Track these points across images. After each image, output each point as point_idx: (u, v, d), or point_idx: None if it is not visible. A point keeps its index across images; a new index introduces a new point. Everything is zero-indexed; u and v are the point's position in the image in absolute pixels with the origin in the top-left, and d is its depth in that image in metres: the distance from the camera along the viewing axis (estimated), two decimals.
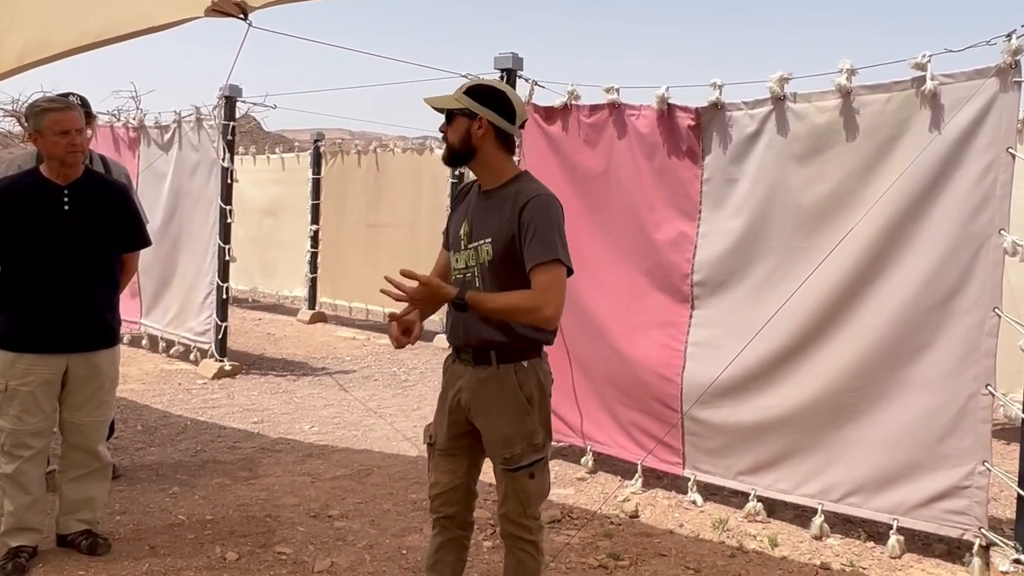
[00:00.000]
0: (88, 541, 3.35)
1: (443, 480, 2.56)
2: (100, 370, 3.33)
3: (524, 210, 2.32)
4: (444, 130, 2.44)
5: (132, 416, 5.62)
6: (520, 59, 4.88)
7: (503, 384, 2.41)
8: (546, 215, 2.32)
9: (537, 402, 2.44)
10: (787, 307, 3.82)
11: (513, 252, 2.34)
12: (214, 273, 7.14)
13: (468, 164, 2.47)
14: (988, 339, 3.39)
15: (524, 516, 2.48)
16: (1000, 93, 3.35)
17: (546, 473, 2.51)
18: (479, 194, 2.49)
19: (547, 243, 2.30)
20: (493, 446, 2.46)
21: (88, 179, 3.34)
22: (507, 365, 2.41)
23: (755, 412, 3.99)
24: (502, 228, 2.36)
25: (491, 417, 2.43)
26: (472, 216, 2.46)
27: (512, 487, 2.45)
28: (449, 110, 2.41)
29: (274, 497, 4.14)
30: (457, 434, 2.54)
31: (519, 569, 2.52)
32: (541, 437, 2.45)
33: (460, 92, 2.40)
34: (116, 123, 8.54)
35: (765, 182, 3.98)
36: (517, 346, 2.40)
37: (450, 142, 2.42)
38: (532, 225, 2.30)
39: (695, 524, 3.97)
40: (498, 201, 2.41)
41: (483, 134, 2.38)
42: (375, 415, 5.97)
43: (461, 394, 2.48)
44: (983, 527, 3.40)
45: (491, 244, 2.37)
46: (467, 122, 2.38)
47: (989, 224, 3.38)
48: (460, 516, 2.59)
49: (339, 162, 10.08)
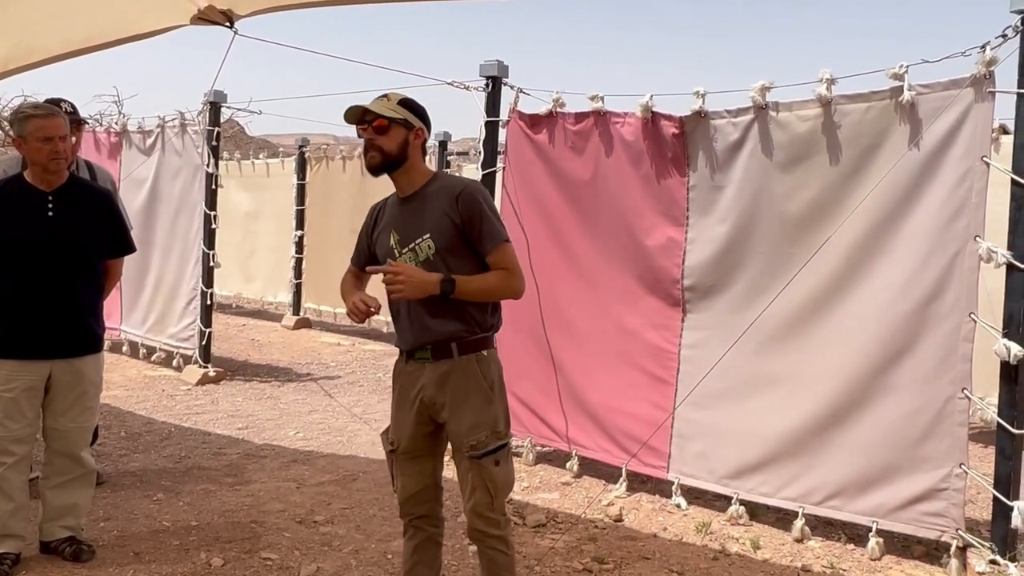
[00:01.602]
0: (72, 548, 3.34)
1: (412, 484, 2.63)
2: (84, 376, 3.32)
3: (460, 198, 2.50)
4: (372, 138, 2.52)
5: (116, 422, 5.59)
6: (506, 67, 4.92)
7: (467, 372, 2.51)
8: (485, 202, 2.54)
9: (498, 389, 2.56)
10: (774, 312, 3.87)
11: (455, 239, 2.50)
12: (198, 279, 7.10)
13: (394, 171, 2.59)
14: (965, 344, 3.45)
15: (491, 508, 2.53)
16: (975, 103, 3.43)
17: (510, 462, 2.60)
18: (398, 203, 2.64)
19: (494, 228, 2.52)
20: (459, 436, 2.53)
21: (73, 185, 3.34)
22: (468, 355, 2.52)
23: (741, 416, 4.04)
24: (440, 220, 2.50)
25: (456, 407, 2.51)
26: (397, 223, 2.59)
27: (479, 476, 2.51)
28: (390, 119, 2.51)
29: (259, 503, 4.14)
30: (420, 435, 2.61)
31: (491, 567, 2.58)
32: (503, 425, 2.56)
33: (394, 103, 2.54)
34: (98, 128, 8.49)
35: (750, 189, 4.04)
36: (474, 336, 2.53)
37: (387, 150, 2.53)
38: (476, 214, 2.49)
39: (679, 527, 4.00)
40: (425, 200, 2.56)
41: (418, 144, 2.59)
42: (360, 421, 5.97)
43: (424, 392, 2.56)
44: (960, 529, 3.46)
45: (431, 238, 2.50)
46: (405, 132, 2.54)
47: (965, 231, 3.45)
48: (432, 514, 2.66)
49: (324, 167, 10.06)
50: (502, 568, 2.58)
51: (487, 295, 2.53)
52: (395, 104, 2.54)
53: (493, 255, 2.51)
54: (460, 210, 2.48)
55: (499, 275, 2.51)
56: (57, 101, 3.78)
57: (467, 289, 2.46)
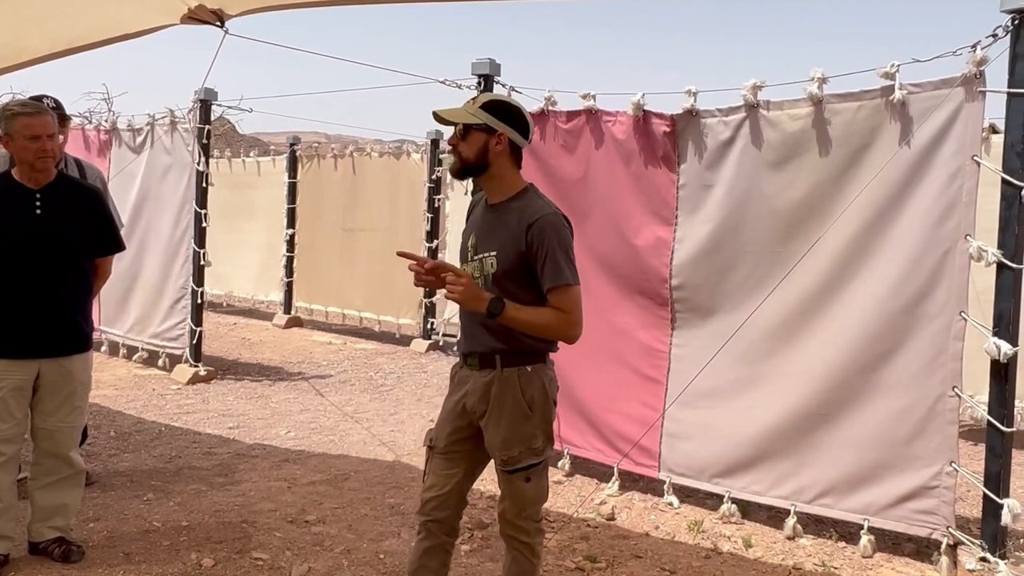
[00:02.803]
0: (61, 548, 3.31)
1: (439, 483, 2.59)
2: (73, 375, 3.30)
3: (532, 229, 2.38)
4: (455, 143, 2.45)
5: (105, 422, 5.55)
6: (498, 65, 4.91)
7: (505, 386, 2.46)
8: (557, 236, 2.38)
9: (539, 407, 2.49)
10: (764, 311, 3.88)
11: (517, 266, 2.41)
12: (187, 277, 7.07)
13: (478, 177, 2.50)
14: (955, 342, 3.47)
15: (519, 517, 2.54)
16: (965, 102, 3.44)
17: (544, 478, 2.58)
18: (485, 207, 2.56)
19: (560, 266, 2.37)
20: (492, 447, 2.52)
21: (61, 183, 3.31)
22: (511, 369, 2.47)
23: (731, 414, 4.04)
24: (507, 242, 2.42)
25: (493, 419, 2.49)
26: (479, 229, 2.52)
27: (509, 489, 2.52)
28: (465, 124, 2.42)
29: (250, 503, 4.12)
30: (459, 438, 2.58)
31: (512, 567, 2.60)
32: (540, 442, 2.51)
33: (476, 107, 2.43)
34: (87, 125, 8.43)
35: (740, 188, 4.04)
36: (520, 351, 2.47)
37: (464, 156, 2.44)
38: (544, 247, 2.37)
39: (671, 526, 4.01)
40: (504, 215, 2.47)
41: (500, 150, 2.44)
42: (352, 420, 5.96)
43: (467, 398, 2.54)
44: (951, 526, 3.47)
45: (496, 257, 2.43)
46: (484, 137, 2.42)
47: (955, 230, 3.46)
48: (449, 522, 2.62)
49: (315, 166, 10.04)
50: (522, 572, 2.59)
51: (535, 330, 2.41)
52: (476, 107, 2.42)
53: (551, 295, 2.39)
54: (528, 240, 2.38)
55: (554, 315, 2.39)
56: (40, 98, 3.75)
57: (515, 317, 2.36)
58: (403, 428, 5.78)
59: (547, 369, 2.55)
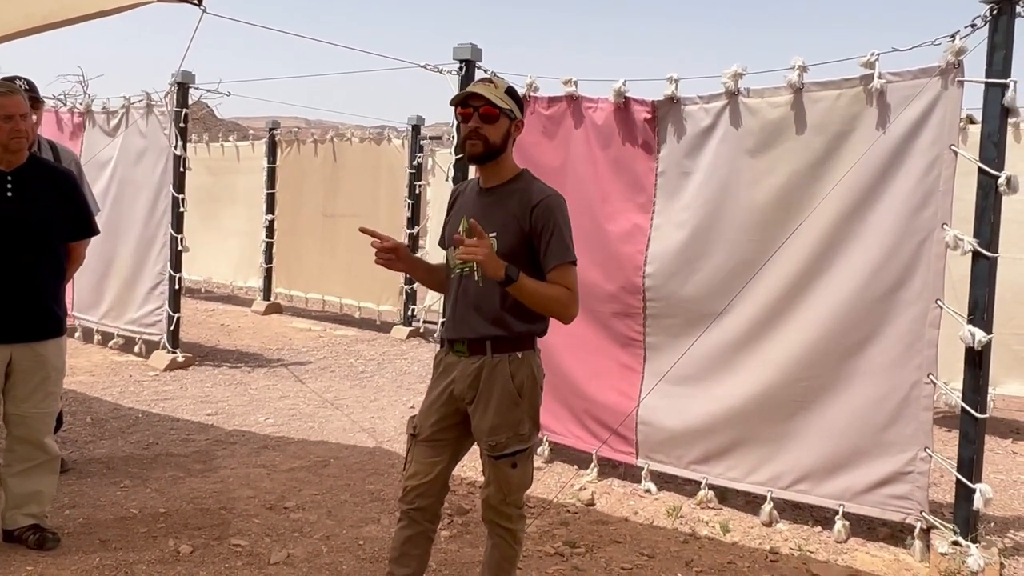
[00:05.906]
0: (36, 536, 3.28)
1: (423, 471, 2.59)
2: (46, 361, 3.26)
3: (537, 209, 2.43)
4: (477, 126, 2.43)
5: (81, 408, 5.49)
6: (479, 50, 4.87)
7: (494, 372, 2.47)
8: (561, 215, 2.46)
9: (528, 393, 2.50)
10: (740, 298, 3.90)
11: (519, 246, 2.43)
12: (165, 263, 6.98)
13: (488, 162, 2.50)
14: (931, 330, 3.51)
15: (503, 503, 2.55)
16: (943, 92, 3.46)
17: (529, 464, 2.58)
18: (478, 192, 2.56)
19: (566, 243, 2.44)
20: (480, 433, 2.52)
21: (33, 165, 3.26)
22: (501, 355, 2.48)
23: (708, 402, 4.06)
24: (509, 223, 2.44)
25: (481, 405, 2.49)
26: (472, 213, 2.50)
27: (494, 474, 2.52)
28: (500, 109, 2.43)
29: (229, 489, 4.09)
30: (445, 426, 2.58)
31: (494, 552, 2.61)
32: (527, 428, 2.52)
33: (502, 91, 2.46)
34: (61, 108, 8.28)
35: (719, 175, 4.05)
36: (511, 337, 2.47)
37: (492, 140, 2.44)
38: (549, 226, 2.42)
39: (649, 512, 4.04)
40: (502, 197, 2.49)
41: (517, 136, 2.53)
42: (331, 406, 5.93)
43: (455, 385, 2.53)
44: (924, 511, 3.52)
45: (496, 238, 2.43)
46: (508, 123, 2.47)
47: (932, 219, 3.49)
48: (431, 509, 2.63)
49: (295, 151, 9.94)
50: (503, 558, 2.60)
51: (540, 303, 2.42)
52: (502, 92, 2.46)
53: (555, 272, 2.42)
54: (533, 220, 2.42)
55: (559, 291, 2.42)
56: (12, 79, 3.67)
57: (528, 287, 2.36)
58: (383, 415, 5.76)
59: (535, 356, 2.56)
